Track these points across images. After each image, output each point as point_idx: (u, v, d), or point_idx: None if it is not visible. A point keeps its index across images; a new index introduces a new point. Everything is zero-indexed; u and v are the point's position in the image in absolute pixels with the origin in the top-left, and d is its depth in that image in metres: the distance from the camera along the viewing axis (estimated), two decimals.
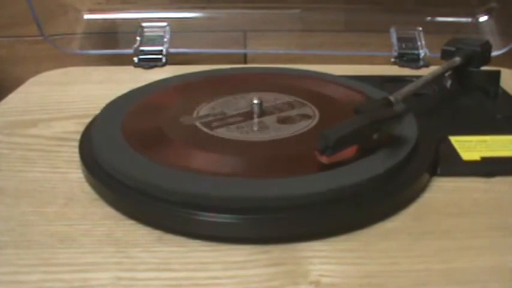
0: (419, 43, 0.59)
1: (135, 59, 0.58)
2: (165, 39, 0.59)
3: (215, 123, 0.39)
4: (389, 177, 0.32)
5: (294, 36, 0.64)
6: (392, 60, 0.58)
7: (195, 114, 0.40)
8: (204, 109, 0.41)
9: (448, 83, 0.48)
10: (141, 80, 0.48)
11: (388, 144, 0.35)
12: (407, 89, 0.40)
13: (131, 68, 0.57)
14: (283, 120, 0.39)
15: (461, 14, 0.61)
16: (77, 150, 0.37)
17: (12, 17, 0.63)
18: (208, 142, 0.36)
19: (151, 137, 0.37)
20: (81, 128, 0.40)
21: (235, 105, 0.42)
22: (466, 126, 0.41)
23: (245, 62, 0.65)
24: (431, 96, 0.47)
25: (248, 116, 0.40)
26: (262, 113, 0.40)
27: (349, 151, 0.33)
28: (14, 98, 0.49)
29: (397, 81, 0.49)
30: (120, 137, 0.37)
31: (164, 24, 0.60)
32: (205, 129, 0.38)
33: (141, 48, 0.59)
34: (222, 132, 0.37)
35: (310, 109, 0.41)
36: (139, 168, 0.33)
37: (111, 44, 0.61)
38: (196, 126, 0.38)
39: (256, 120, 0.39)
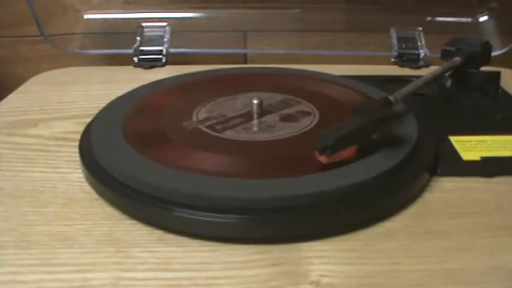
0: (419, 43, 0.59)
1: (135, 59, 0.58)
2: (165, 39, 0.59)
3: (219, 126, 0.38)
4: (389, 177, 0.32)
5: (294, 36, 0.64)
6: (393, 60, 0.58)
7: (194, 116, 0.40)
8: (202, 110, 0.41)
9: (448, 83, 0.48)
10: (141, 80, 0.48)
11: (388, 144, 0.35)
12: (407, 89, 0.40)
13: (131, 68, 0.57)
14: (285, 118, 0.39)
15: (461, 14, 0.61)
16: (77, 150, 0.37)
17: (12, 17, 0.63)
18: (208, 142, 0.36)
19: (152, 136, 0.37)
20: (81, 128, 0.40)
21: (234, 106, 0.42)
22: (466, 126, 0.41)
23: (245, 62, 0.65)
24: (431, 96, 0.47)
25: (249, 116, 0.40)
26: (263, 113, 0.40)
27: (349, 151, 0.33)
28: (14, 98, 0.49)
29: (397, 81, 0.49)
30: (120, 137, 0.37)
31: (164, 24, 0.60)
32: (210, 132, 0.38)
33: (141, 48, 0.59)
34: (230, 134, 0.37)
35: (310, 109, 0.41)
36: (139, 168, 0.33)
37: (111, 44, 0.61)
38: (200, 129, 0.38)
39: (258, 120, 0.39)
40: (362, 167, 0.33)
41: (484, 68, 0.47)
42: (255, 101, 0.40)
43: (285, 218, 0.29)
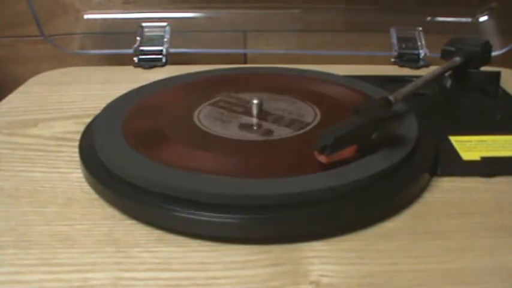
0: (419, 43, 0.59)
1: (135, 59, 0.58)
2: (165, 39, 0.59)
3: (222, 103, 0.40)
4: (389, 177, 0.32)
5: (294, 36, 0.64)
6: (393, 60, 0.58)
7: (195, 115, 0.40)
8: (203, 110, 0.41)
9: (448, 83, 0.48)
10: (141, 80, 0.48)
11: (388, 144, 0.35)
12: (407, 89, 0.40)
13: (131, 68, 0.57)
14: (285, 118, 0.39)
15: (461, 14, 0.61)
16: (77, 150, 0.37)
17: (12, 17, 0.63)
18: (209, 142, 0.36)
19: (152, 136, 0.37)
20: (81, 128, 0.40)
21: (234, 106, 0.42)
22: (466, 126, 0.41)
23: (245, 62, 0.65)
24: (431, 96, 0.47)
25: (249, 116, 0.40)
26: (262, 113, 0.40)
27: (348, 151, 0.33)
28: (14, 98, 0.50)
29: (397, 81, 0.49)
30: (120, 137, 0.37)
31: (164, 24, 0.60)
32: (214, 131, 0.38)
33: (141, 48, 0.59)
34: (230, 133, 0.37)
35: (311, 108, 0.41)
36: (139, 168, 0.33)
37: (111, 44, 0.61)
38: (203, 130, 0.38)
39: (259, 120, 0.39)
40: (362, 166, 0.32)
41: (484, 68, 0.47)
42: (255, 101, 0.40)
43: (285, 218, 0.29)
